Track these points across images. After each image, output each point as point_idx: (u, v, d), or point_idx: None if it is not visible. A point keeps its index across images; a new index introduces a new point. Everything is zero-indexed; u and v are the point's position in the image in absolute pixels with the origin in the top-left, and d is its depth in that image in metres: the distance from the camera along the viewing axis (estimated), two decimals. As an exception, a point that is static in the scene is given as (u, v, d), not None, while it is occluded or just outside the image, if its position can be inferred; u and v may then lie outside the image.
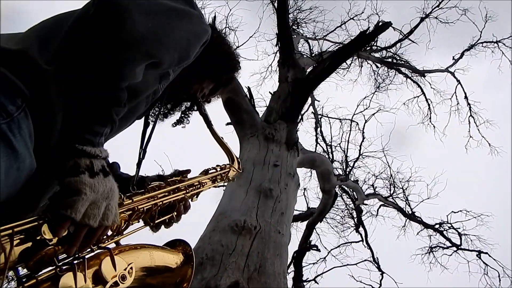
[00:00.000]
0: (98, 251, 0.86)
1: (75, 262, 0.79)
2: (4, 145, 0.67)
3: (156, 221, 1.09)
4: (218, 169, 1.29)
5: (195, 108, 1.32)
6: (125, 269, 0.87)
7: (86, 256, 0.82)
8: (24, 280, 0.72)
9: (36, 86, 0.76)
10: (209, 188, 1.27)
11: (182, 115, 1.37)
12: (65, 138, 0.81)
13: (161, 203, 1.07)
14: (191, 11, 0.98)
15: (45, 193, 0.89)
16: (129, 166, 1.18)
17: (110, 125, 0.86)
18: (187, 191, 1.16)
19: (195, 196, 1.23)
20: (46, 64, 0.78)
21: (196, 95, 1.29)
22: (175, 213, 1.15)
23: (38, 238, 0.73)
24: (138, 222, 1.04)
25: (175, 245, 1.11)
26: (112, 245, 0.91)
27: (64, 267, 0.77)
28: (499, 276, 7.79)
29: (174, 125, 1.38)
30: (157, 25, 0.86)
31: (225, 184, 1.31)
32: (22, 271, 0.73)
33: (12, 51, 0.77)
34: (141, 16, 0.82)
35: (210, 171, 1.27)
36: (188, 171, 1.23)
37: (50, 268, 0.76)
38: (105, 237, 0.90)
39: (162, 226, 1.15)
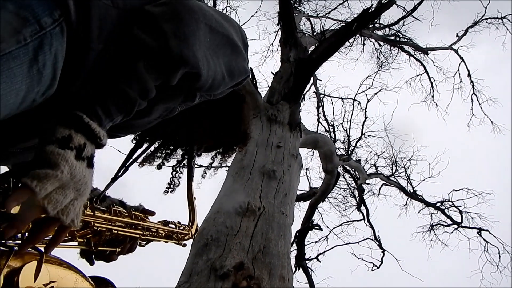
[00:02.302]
0: (26, 248, 0.68)
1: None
2: (30, 65, 0.56)
3: (99, 248, 0.93)
4: (178, 227, 1.17)
5: (186, 160, 1.23)
6: (45, 285, 0.70)
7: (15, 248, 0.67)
8: None
9: (81, 7, 0.64)
10: (160, 241, 1.12)
11: (174, 173, 1.26)
12: (73, 99, 0.69)
13: (116, 231, 0.93)
14: (241, 51, 0.94)
15: (30, 138, 0.77)
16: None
17: (124, 115, 0.74)
18: (144, 233, 1.03)
19: (145, 242, 1.08)
20: None
21: (193, 147, 1.21)
22: (119, 249, 0.99)
23: None
24: (82, 240, 0.89)
25: (100, 283, 0.92)
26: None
27: None
28: (499, 253, 7.90)
29: (166, 191, 1.27)
30: (211, 47, 0.82)
31: (177, 243, 1.17)
32: None
33: None
34: (205, 28, 0.79)
35: (169, 225, 1.15)
36: (153, 213, 1.11)
37: None
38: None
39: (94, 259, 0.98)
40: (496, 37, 9.00)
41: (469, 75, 9.10)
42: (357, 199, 8.80)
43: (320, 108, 9.14)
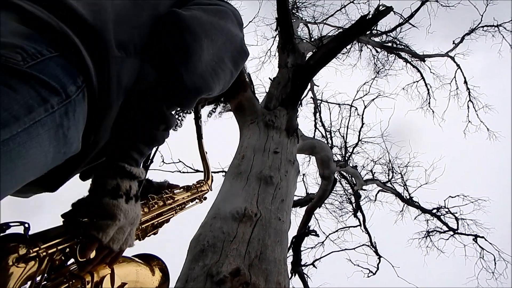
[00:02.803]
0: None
1: (85, 277, 0.80)
2: (57, 130, 0.62)
3: (146, 238, 1.07)
4: (197, 187, 1.27)
5: (192, 114, 1.30)
6: None
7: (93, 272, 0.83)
8: None
9: (100, 69, 0.71)
10: (188, 209, 1.24)
11: (177, 116, 1.35)
12: (110, 149, 0.80)
13: (156, 222, 1.05)
14: (238, 36, 1.02)
15: (71, 174, 0.86)
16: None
17: (154, 147, 0.88)
18: (176, 210, 1.14)
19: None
20: (117, 49, 0.74)
21: (198, 103, 1.27)
22: (158, 229, 1.12)
23: (68, 252, 0.75)
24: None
25: (150, 260, 1.08)
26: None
27: (74, 281, 0.77)
28: (494, 259, 7.91)
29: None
30: (214, 54, 0.90)
31: (200, 202, 1.29)
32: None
33: (88, 24, 0.69)
34: (207, 43, 0.87)
35: (191, 189, 1.25)
36: (177, 186, 1.21)
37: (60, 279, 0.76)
38: None
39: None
40: (492, 44, 9.06)
41: (465, 82, 9.16)
42: (354, 205, 8.80)
43: (317, 114, 9.16)
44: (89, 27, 0.69)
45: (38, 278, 0.67)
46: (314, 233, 7.15)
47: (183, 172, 7.02)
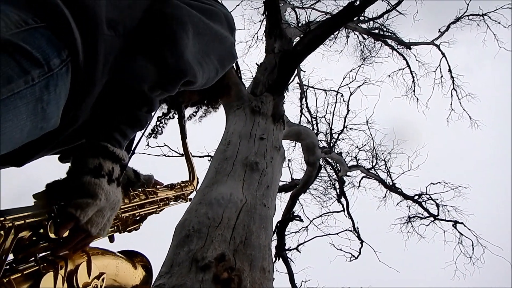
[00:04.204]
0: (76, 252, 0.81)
1: (58, 263, 0.74)
2: (36, 104, 0.59)
3: (127, 230, 1.03)
4: (182, 186, 1.26)
5: (175, 116, 1.29)
6: (97, 278, 0.83)
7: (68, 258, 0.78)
8: (7, 273, 0.66)
9: (88, 45, 0.67)
10: (171, 206, 1.22)
11: (158, 123, 1.32)
12: (92, 129, 0.77)
13: (138, 214, 1.02)
14: (228, 39, 1.01)
15: (42, 151, 0.83)
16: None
17: (137, 131, 0.86)
18: (159, 205, 1.12)
19: (160, 210, 1.18)
20: (107, 27, 0.71)
21: (181, 104, 1.26)
22: (140, 224, 1.09)
23: (40, 231, 0.70)
24: (112, 228, 0.98)
25: (133, 256, 1.04)
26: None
27: (45, 265, 0.72)
28: (472, 245, 8.15)
29: (148, 136, 1.32)
30: (201, 46, 0.89)
31: (184, 201, 1.29)
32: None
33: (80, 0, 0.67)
34: (194, 34, 0.85)
35: (175, 187, 1.23)
36: (162, 183, 1.19)
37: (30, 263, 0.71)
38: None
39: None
40: (477, 33, 9.16)
41: (449, 70, 9.27)
42: (338, 191, 8.92)
43: (303, 100, 9.17)
44: (80, 2, 0.66)
45: (3, 256, 0.63)
46: (298, 218, 7.23)
47: (169, 156, 6.99)
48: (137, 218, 1.04)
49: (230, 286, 2.07)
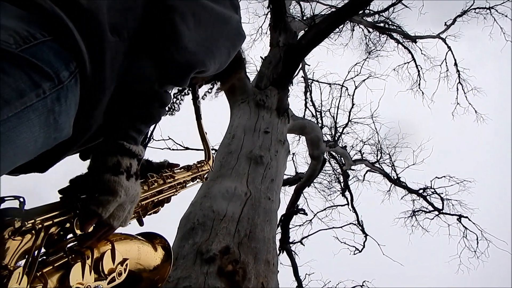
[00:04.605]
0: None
1: (85, 253, 0.79)
2: (48, 115, 0.61)
3: (147, 216, 1.06)
4: (198, 167, 1.27)
5: (189, 94, 1.30)
6: (121, 264, 0.88)
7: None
8: (39, 265, 0.71)
9: (94, 53, 0.69)
10: (189, 187, 1.24)
11: (174, 99, 1.34)
12: (108, 130, 0.80)
13: (157, 199, 1.05)
14: (233, 18, 1.01)
15: (62, 157, 0.86)
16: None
17: (152, 125, 0.88)
18: (176, 189, 1.14)
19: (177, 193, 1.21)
20: (111, 33, 0.72)
21: (195, 84, 1.27)
22: (160, 207, 1.12)
23: (67, 227, 0.75)
24: (134, 215, 1.01)
25: (152, 238, 1.08)
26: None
27: (73, 256, 0.77)
28: (477, 239, 8.13)
29: (165, 113, 1.34)
30: (206, 33, 0.89)
31: (201, 181, 1.30)
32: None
33: (83, 7, 0.68)
34: (195, 25, 0.85)
35: (192, 169, 1.24)
36: (177, 165, 1.21)
37: (59, 255, 0.75)
38: None
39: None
40: (484, 27, 9.07)
41: (455, 64, 9.18)
42: (342, 184, 8.92)
43: (308, 93, 9.15)
44: (83, 10, 0.67)
45: (36, 252, 0.67)
46: (302, 212, 7.26)
47: (173, 150, 7.01)
48: (156, 203, 1.08)
49: (235, 278, 2.10)
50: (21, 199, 0.68)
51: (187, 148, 6.96)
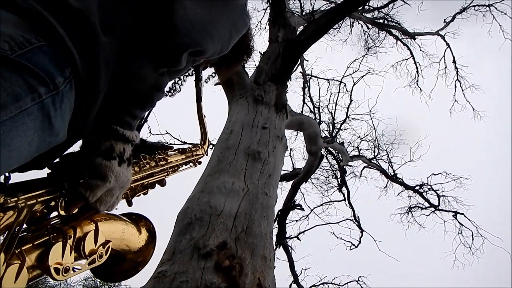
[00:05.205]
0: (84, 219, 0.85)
1: (67, 232, 0.78)
2: (43, 120, 0.61)
3: (136, 197, 1.05)
4: (193, 151, 1.26)
5: (192, 75, 1.28)
6: (103, 246, 0.87)
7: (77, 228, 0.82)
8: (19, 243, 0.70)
9: (87, 57, 0.69)
10: (181, 171, 1.22)
11: (177, 79, 1.32)
12: (102, 115, 0.79)
13: (147, 182, 1.04)
14: (237, 1, 0.99)
15: (54, 158, 0.86)
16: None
17: (148, 109, 0.87)
18: (168, 172, 1.13)
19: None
20: (104, 34, 0.71)
21: (199, 66, 1.25)
22: (149, 189, 1.11)
23: (52, 205, 0.74)
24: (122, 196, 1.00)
25: (138, 220, 1.07)
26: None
27: (55, 235, 0.76)
28: (472, 235, 8.19)
29: (166, 94, 1.32)
30: (205, 13, 0.86)
31: (194, 166, 1.28)
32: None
33: (73, 9, 0.67)
34: (192, 4, 0.83)
35: (186, 152, 1.23)
36: (171, 147, 1.20)
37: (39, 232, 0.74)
38: None
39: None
40: (483, 24, 9.07)
41: (454, 61, 9.19)
42: (339, 180, 8.95)
43: (306, 89, 9.14)
44: (73, 12, 0.67)
45: (16, 229, 0.67)
46: (299, 207, 7.28)
47: (171, 144, 6.98)
48: (146, 185, 1.07)
49: (232, 273, 2.11)
50: (6, 174, 0.68)
51: (184, 143, 6.97)
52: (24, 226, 0.70)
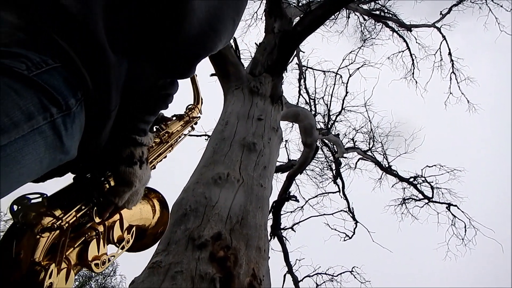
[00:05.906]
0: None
1: (98, 228, 0.86)
2: (54, 138, 0.63)
3: None
4: (189, 114, 1.27)
5: None
6: (127, 231, 0.95)
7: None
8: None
9: (99, 81, 0.69)
10: (183, 139, 1.25)
11: None
12: (117, 125, 0.82)
13: (156, 161, 1.08)
14: None
15: (64, 174, 0.89)
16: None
17: (161, 110, 0.92)
18: (172, 145, 1.16)
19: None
20: (114, 53, 0.70)
21: None
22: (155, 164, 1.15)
23: (87, 212, 0.81)
24: None
25: (148, 194, 1.12)
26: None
27: (89, 234, 0.83)
28: (465, 227, 8.28)
29: None
30: (209, 7, 0.83)
31: (193, 129, 1.29)
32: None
33: (73, 16, 0.64)
34: (199, 2, 0.79)
35: (183, 117, 1.24)
36: (171, 118, 1.23)
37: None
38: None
39: None
40: (479, 17, 9.06)
41: (449, 53, 9.20)
42: (334, 172, 8.98)
43: (302, 80, 9.12)
44: (83, 33, 0.66)
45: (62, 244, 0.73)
46: (294, 198, 7.31)
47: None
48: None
49: (226, 264, 2.12)
50: (45, 195, 0.73)
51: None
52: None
